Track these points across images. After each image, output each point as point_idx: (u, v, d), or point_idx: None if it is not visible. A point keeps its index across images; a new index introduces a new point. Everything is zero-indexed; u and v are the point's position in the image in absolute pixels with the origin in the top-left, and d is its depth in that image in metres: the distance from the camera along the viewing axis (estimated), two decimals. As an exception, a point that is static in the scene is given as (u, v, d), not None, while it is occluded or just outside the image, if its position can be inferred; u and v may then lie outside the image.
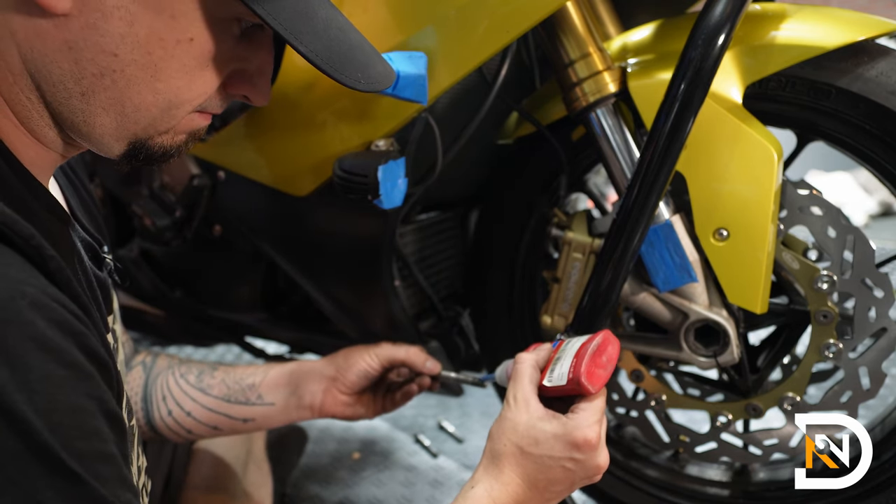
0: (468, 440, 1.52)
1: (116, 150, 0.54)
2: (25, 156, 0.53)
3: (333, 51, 0.54)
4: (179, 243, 1.11)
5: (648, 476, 0.97)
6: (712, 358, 0.82)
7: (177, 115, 0.53)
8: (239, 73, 0.55)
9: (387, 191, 0.78)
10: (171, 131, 0.55)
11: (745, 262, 0.76)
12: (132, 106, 0.51)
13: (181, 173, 1.07)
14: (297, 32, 0.51)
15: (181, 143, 0.57)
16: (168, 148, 0.56)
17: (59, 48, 0.48)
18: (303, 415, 0.88)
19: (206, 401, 0.87)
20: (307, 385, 0.87)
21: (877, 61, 0.73)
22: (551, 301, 0.90)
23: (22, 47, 0.49)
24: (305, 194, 0.92)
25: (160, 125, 0.53)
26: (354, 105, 0.82)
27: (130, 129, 0.52)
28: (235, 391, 0.88)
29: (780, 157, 0.74)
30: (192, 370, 0.90)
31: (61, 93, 0.50)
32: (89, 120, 0.51)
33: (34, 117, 0.52)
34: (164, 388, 0.88)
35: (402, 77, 0.70)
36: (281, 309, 1.18)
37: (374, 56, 0.60)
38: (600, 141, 0.80)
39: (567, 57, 0.79)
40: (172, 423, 0.87)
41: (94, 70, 0.49)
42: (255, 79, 0.57)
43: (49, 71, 0.49)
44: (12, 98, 0.51)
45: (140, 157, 0.55)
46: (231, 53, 0.53)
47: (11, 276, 0.43)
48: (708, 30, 0.65)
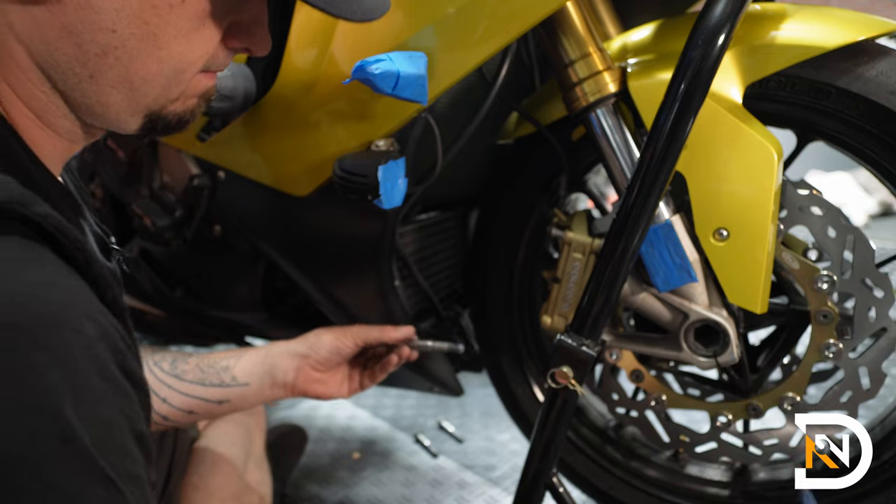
0: (468, 440, 1.52)
1: (133, 125, 0.55)
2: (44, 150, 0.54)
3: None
4: (179, 243, 1.12)
5: (648, 476, 0.97)
6: (712, 358, 0.82)
7: (184, 80, 0.54)
8: (235, 25, 0.55)
9: (387, 191, 0.78)
10: (181, 97, 0.55)
11: (745, 262, 0.76)
12: (139, 79, 0.51)
13: (181, 173, 1.07)
14: None
15: (194, 107, 0.57)
16: (182, 114, 0.56)
17: (58, 34, 0.48)
18: (276, 393, 0.89)
19: (180, 386, 0.87)
20: (280, 363, 0.89)
21: (877, 61, 0.73)
22: (551, 301, 0.90)
23: (24, 40, 0.49)
24: (305, 194, 0.92)
25: (170, 93, 0.54)
26: (354, 105, 0.82)
27: (142, 101, 0.53)
28: (210, 374, 0.89)
29: (780, 157, 0.74)
30: (167, 358, 0.90)
31: (71, 79, 0.50)
32: (102, 100, 0.52)
33: (51, 109, 0.52)
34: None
35: (402, 77, 0.70)
36: (281, 309, 1.18)
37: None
38: (600, 141, 0.80)
39: (567, 57, 0.79)
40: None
41: (96, 50, 0.49)
42: (252, 28, 0.56)
43: (55, 59, 0.49)
44: (27, 94, 0.51)
45: (158, 128, 0.56)
46: (225, 7, 0.53)
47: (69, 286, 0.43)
48: (708, 30, 0.65)
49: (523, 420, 1.09)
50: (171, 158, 1.09)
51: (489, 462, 1.43)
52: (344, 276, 1.02)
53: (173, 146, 1.06)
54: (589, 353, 0.74)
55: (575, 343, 0.74)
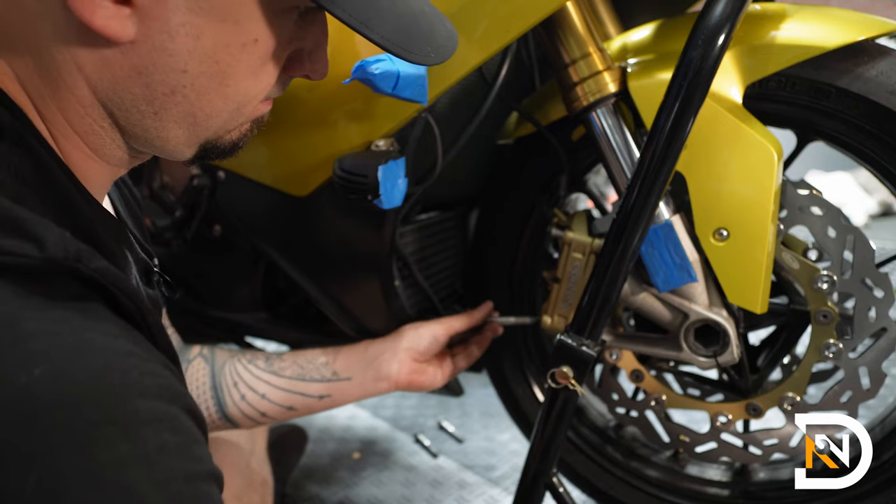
0: (468, 440, 1.52)
1: (188, 155, 0.55)
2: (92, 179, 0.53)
3: (401, 29, 0.52)
4: (179, 243, 1.12)
5: (648, 476, 0.97)
6: (712, 358, 0.82)
7: (245, 113, 0.54)
8: (297, 52, 0.55)
9: (387, 191, 0.78)
10: (238, 126, 0.55)
11: (745, 262, 0.76)
12: (203, 115, 0.51)
13: (181, 173, 1.07)
14: (365, 19, 0.49)
15: (247, 132, 0.57)
16: (237, 140, 0.56)
17: (128, 75, 0.47)
18: (380, 387, 0.91)
19: (280, 382, 0.89)
20: (382, 357, 0.91)
21: (877, 61, 0.73)
22: (551, 301, 0.90)
23: (91, 79, 0.48)
24: (305, 194, 0.92)
25: (230, 125, 0.54)
26: (354, 105, 0.82)
27: (202, 135, 0.53)
28: (309, 370, 0.90)
29: (780, 157, 0.74)
30: (259, 357, 0.92)
31: (134, 116, 0.50)
32: (162, 135, 0.51)
33: (107, 143, 0.52)
34: (234, 374, 0.90)
35: (402, 77, 0.70)
36: (281, 309, 1.18)
37: (436, 18, 0.58)
38: (600, 141, 0.80)
39: (567, 57, 0.79)
40: (246, 407, 0.89)
41: (164, 90, 0.48)
42: (313, 55, 0.56)
43: (121, 98, 0.49)
44: (84, 129, 0.50)
45: (210, 156, 0.56)
46: (290, 38, 0.53)
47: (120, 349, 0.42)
48: (708, 30, 0.65)
49: (523, 420, 1.09)
50: (171, 158, 1.09)
51: (489, 462, 1.43)
52: (344, 276, 1.02)
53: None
54: (589, 353, 0.74)
55: (575, 343, 0.74)
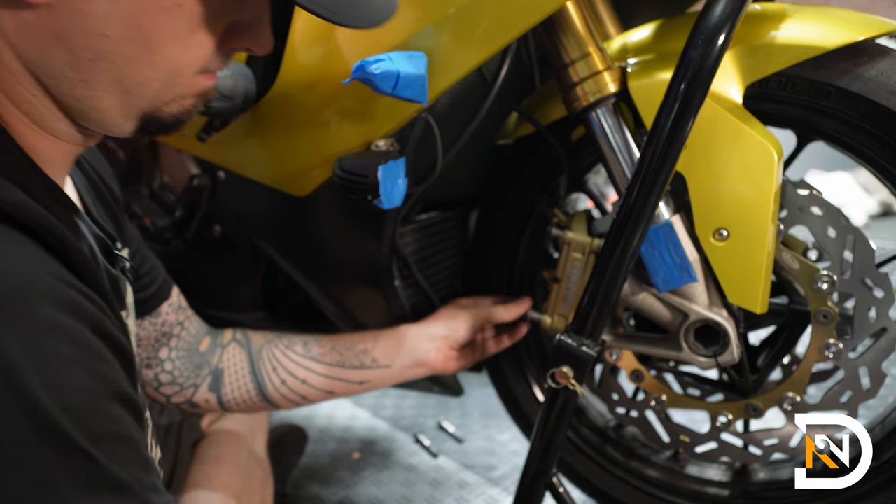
0: (468, 440, 1.52)
1: (128, 128, 0.54)
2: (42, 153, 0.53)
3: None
4: (179, 243, 1.12)
5: (648, 476, 0.97)
6: (712, 358, 0.82)
7: (180, 82, 0.53)
8: (236, 25, 0.54)
9: (387, 191, 0.78)
10: (177, 98, 0.54)
11: (745, 262, 0.76)
12: (134, 83, 0.50)
13: (181, 173, 1.07)
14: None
15: (191, 107, 0.56)
16: (179, 114, 0.55)
17: (49, 39, 0.48)
18: (416, 372, 0.94)
19: (320, 369, 0.92)
20: (422, 346, 0.93)
21: (877, 61, 0.73)
22: (551, 301, 0.90)
23: (14, 45, 0.48)
24: (305, 194, 0.92)
25: (165, 96, 0.53)
26: (354, 105, 0.82)
27: (136, 105, 0.52)
28: (349, 357, 0.92)
29: (780, 157, 0.74)
30: (296, 342, 0.94)
31: (63, 84, 0.50)
32: (96, 105, 0.51)
33: (44, 113, 0.52)
34: (272, 359, 0.92)
35: (402, 77, 0.70)
36: (281, 309, 1.18)
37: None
38: (600, 141, 0.80)
39: (567, 57, 0.79)
40: (287, 391, 0.92)
41: (88, 55, 0.48)
42: (253, 27, 0.55)
43: (46, 64, 0.49)
44: (19, 98, 0.51)
45: (153, 129, 0.55)
46: (223, 8, 0.52)
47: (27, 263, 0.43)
48: (708, 30, 0.65)
49: (523, 420, 1.09)
50: (171, 158, 1.09)
51: (489, 462, 1.43)
52: (344, 277, 1.02)
53: (173, 146, 1.06)
54: (589, 353, 0.74)
55: (575, 343, 0.74)
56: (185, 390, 0.91)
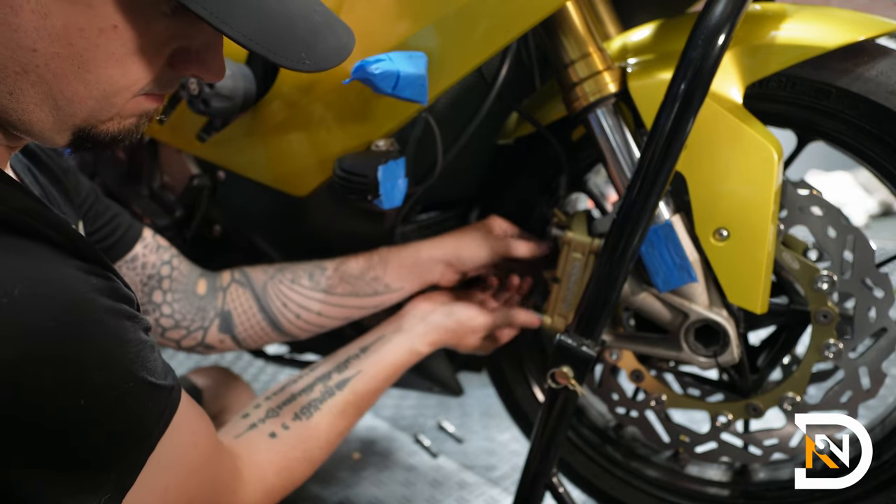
0: (468, 440, 1.52)
1: (61, 142, 0.53)
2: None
3: (270, 30, 0.50)
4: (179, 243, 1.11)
5: (648, 476, 0.97)
6: (712, 358, 0.82)
7: (117, 103, 0.51)
8: (184, 51, 0.53)
9: (387, 191, 0.78)
10: (115, 118, 0.53)
11: (745, 262, 0.76)
12: (65, 99, 0.49)
13: (181, 173, 1.07)
14: (224, 14, 0.47)
15: (131, 127, 0.55)
16: (116, 133, 0.54)
17: None
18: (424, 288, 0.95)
19: (334, 300, 0.92)
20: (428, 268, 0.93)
21: (877, 61, 0.73)
22: (551, 301, 0.90)
23: None
24: (305, 194, 0.92)
25: (101, 115, 0.51)
26: (354, 105, 0.82)
27: (69, 121, 0.51)
28: (361, 286, 0.92)
29: (780, 157, 0.74)
30: (300, 274, 0.93)
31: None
32: (24, 118, 0.50)
33: None
34: (281, 296, 0.92)
35: (402, 77, 0.70)
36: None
37: (325, 28, 0.55)
38: (600, 141, 0.80)
39: (567, 57, 0.79)
40: (303, 324, 0.93)
41: (15, 68, 0.47)
42: (202, 55, 0.54)
43: None
44: None
45: (87, 145, 0.54)
46: (167, 33, 0.51)
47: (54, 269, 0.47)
48: (708, 30, 0.65)
49: (523, 420, 1.09)
50: (171, 158, 1.09)
51: (489, 462, 1.43)
52: (344, 276, 1.02)
53: (173, 146, 1.06)
54: (589, 353, 0.74)
55: (575, 343, 0.74)
56: (194, 333, 0.91)
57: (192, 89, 0.84)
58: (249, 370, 2.00)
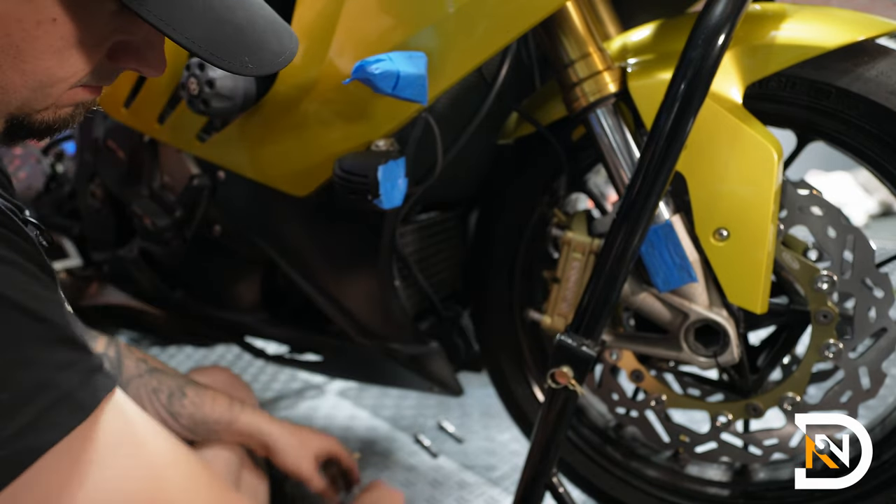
0: (468, 440, 1.52)
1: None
2: None
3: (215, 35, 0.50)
4: (179, 243, 1.12)
5: (648, 476, 0.97)
6: (712, 358, 0.82)
7: (52, 94, 0.51)
8: (124, 45, 0.53)
9: (387, 191, 0.78)
10: (51, 107, 0.52)
11: (745, 262, 0.76)
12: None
13: (181, 173, 1.07)
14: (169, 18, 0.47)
15: (67, 116, 0.54)
16: (51, 122, 0.53)
17: None
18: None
19: (174, 426, 0.94)
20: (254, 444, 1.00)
21: (877, 61, 0.73)
22: (551, 301, 0.90)
23: None
24: (305, 194, 0.92)
25: (35, 104, 0.51)
26: (354, 105, 0.82)
27: (2, 109, 0.50)
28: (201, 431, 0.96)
29: (780, 157, 0.74)
30: (163, 389, 0.94)
31: None
32: None
33: None
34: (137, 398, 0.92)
35: (402, 77, 0.70)
36: (281, 309, 1.18)
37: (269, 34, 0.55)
38: (600, 141, 0.80)
39: (567, 57, 0.79)
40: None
41: None
42: (142, 51, 0.53)
43: None
44: None
45: (21, 134, 0.53)
46: (108, 28, 0.51)
47: None
48: (708, 30, 0.65)
49: (523, 420, 1.09)
50: (171, 158, 1.09)
51: (489, 462, 1.43)
52: (344, 277, 1.02)
53: (173, 146, 1.06)
54: (589, 353, 0.74)
55: (575, 343, 0.74)
56: None
57: (192, 89, 0.84)
58: (250, 370, 2.00)
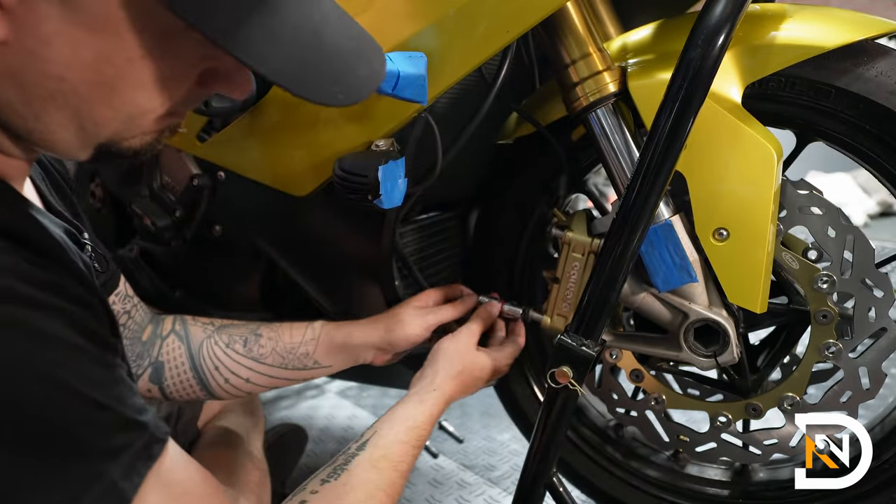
0: (468, 440, 1.52)
1: (84, 157, 0.53)
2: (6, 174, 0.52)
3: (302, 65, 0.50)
4: (179, 243, 1.11)
5: (648, 476, 0.97)
6: (712, 358, 0.82)
7: (142, 124, 0.52)
8: (212, 71, 0.53)
9: (387, 191, 0.78)
10: (139, 135, 0.53)
11: (745, 262, 0.76)
12: (91, 121, 0.49)
13: (181, 173, 1.07)
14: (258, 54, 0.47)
15: (153, 141, 0.55)
16: (139, 148, 0.54)
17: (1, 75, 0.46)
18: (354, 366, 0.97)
19: (263, 369, 0.93)
20: (360, 352, 0.94)
21: (877, 61, 0.73)
22: (551, 301, 0.90)
23: None
24: (305, 194, 0.92)
25: (126, 133, 0.52)
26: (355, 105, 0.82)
27: (93, 140, 0.51)
28: (291, 359, 0.93)
29: (780, 157, 0.74)
30: (236, 338, 0.94)
31: (13, 117, 0.49)
32: (48, 137, 0.50)
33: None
34: (213, 358, 0.92)
35: (402, 77, 0.70)
36: (281, 308, 1.18)
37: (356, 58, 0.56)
38: (600, 141, 0.80)
39: (567, 57, 0.79)
40: (231, 388, 0.94)
41: (41, 94, 0.47)
42: (231, 75, 0.54)
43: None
44: None
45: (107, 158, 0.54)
46: (195, 57, 0.51)
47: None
48: (708, 30, 0.65)
49: (523, 420, 1.09)
50: (171, 158, 1.09)
51: (489, 462, 1.43)
52: (344, 277, 1.02)
53: (173, 146, 1.06)
54: (589, 353, 0.74)
55: (575, 343, 0.74)
56: None
57: (192, 89, 0.84)
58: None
